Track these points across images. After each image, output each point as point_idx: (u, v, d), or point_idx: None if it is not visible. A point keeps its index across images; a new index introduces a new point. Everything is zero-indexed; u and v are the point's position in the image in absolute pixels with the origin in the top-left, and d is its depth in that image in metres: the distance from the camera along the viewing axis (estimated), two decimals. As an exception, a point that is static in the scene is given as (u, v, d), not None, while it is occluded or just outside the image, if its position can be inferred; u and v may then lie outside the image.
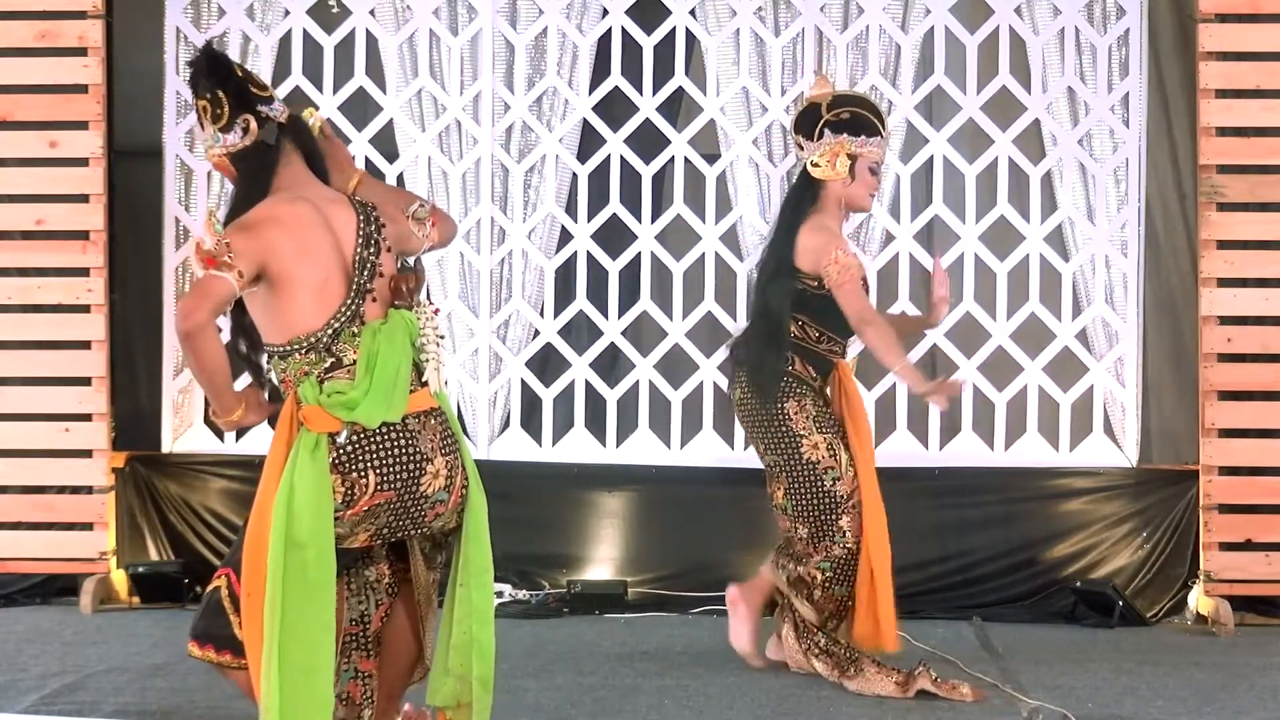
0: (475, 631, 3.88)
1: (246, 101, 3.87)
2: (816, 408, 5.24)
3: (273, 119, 3.88)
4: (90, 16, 6.58)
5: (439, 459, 3.81)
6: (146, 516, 6.78)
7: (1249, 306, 6.44)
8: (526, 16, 6.91)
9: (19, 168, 6.62)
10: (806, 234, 5.23)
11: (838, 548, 5.20)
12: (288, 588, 3.64)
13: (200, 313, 3.62)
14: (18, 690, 5.07)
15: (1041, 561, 6.67)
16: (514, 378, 6.87)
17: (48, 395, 6.62)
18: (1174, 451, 6.69)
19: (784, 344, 5.25)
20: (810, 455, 5.22)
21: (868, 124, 5.29)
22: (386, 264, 3.86)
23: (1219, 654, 5.87)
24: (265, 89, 3.94)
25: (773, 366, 5.24)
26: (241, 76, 3.92)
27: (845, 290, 5.14)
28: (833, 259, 5.14)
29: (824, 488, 5.21)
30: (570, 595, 6.58)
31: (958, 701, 4.96)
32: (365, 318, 3.79)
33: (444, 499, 3.83)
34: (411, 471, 3.76)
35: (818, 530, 5.22)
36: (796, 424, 5.22)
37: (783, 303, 5.25)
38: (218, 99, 3.86)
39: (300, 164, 3.92)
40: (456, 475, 3.86)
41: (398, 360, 3.76)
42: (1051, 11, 6.78)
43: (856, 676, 5.13)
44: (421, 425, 3.81)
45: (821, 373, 5.31)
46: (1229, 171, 6.45)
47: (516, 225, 6.85)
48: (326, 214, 3.82)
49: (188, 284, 6.88)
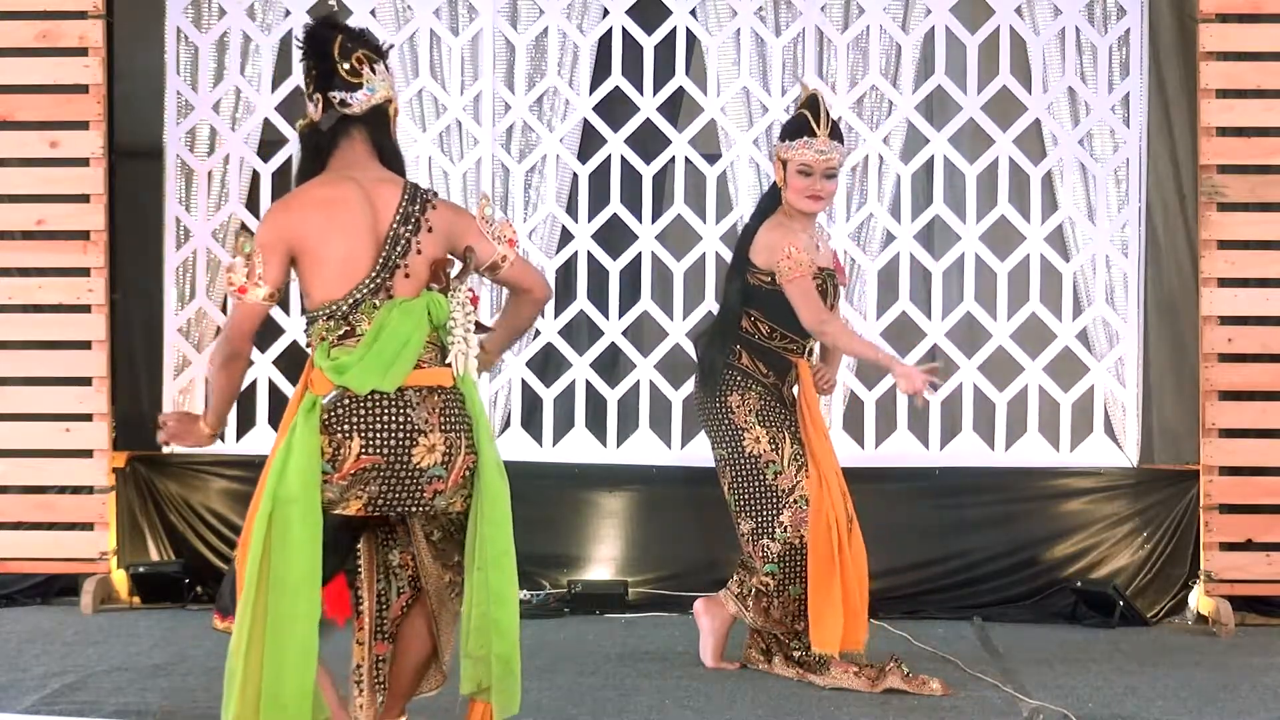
0: (494, 612, 3.89)
1: (326, 83, 3.98)
2: (762, 401, 5.26)
3: (342, 107, 3.97)
4: (91, 16, 6.58)
5: (435, 434, 3.85)
6: (147, 516, 6.78)
7: (1249, 306, 6.44)
8: (527, 16, 6.91)
9: (19, 168, 6.62)
10: (765, 230, 5.31)
11: (775, 544, 5.19)
12: (272, 541, 3.76)
13: (232, 342, 3.92)
14: (19, 690, 5.07)
15: (1042, 561, 6.67)
16: (514, 378, 6.87)
17: (48, 395, 6.62)
18: (1174, 451, 6.69)
19: (729, 338, 5.31)
20: (751, 449, 5.24)
21: (798, 125, 5.30)
22: (427, 245, 3.91)
23: (1220, 654, 5.87)
24: (357, 75, 3.98)
25: (714, 361, 5.31)
26: (337, 57, 3.98)
27: (794, 286, 5.19)
28: (785, 254, 5.20)
29: (764, 480, 5.22)
30: (571, 595, 6.58)
31: (926, 696, 5.00)
32: (394, 292, 3.88)
33: (441, 475, 3.86)
34: (401, 441, 3.81)
35: (758, 525, 5.23)
36: (738, 417, 5.25)
37: (734, 298, 5.32)
38: (308, 72, 4.02)
39: (364, 149, 3.99)
40: (458, 455, 3.88)
41: (408, 334, 3.84)
42: (1052, 11, 6.78)
43: (823, 674, 5.17)
44: (422, 399, 3.85)
45: (776, 370, 5.31)
46: (1229, 171, 6.45)
47: (517, 225, 6.85)
48: (370, 192, 3.91)
49: (188, 285, 6.90)
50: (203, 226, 6.86)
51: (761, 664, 5.37)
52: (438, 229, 3.93)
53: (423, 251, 3.91)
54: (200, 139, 6.93)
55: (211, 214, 6.88)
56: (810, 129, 5.28)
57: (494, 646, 3.89)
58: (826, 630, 5.09)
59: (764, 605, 5.25)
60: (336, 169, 3.97)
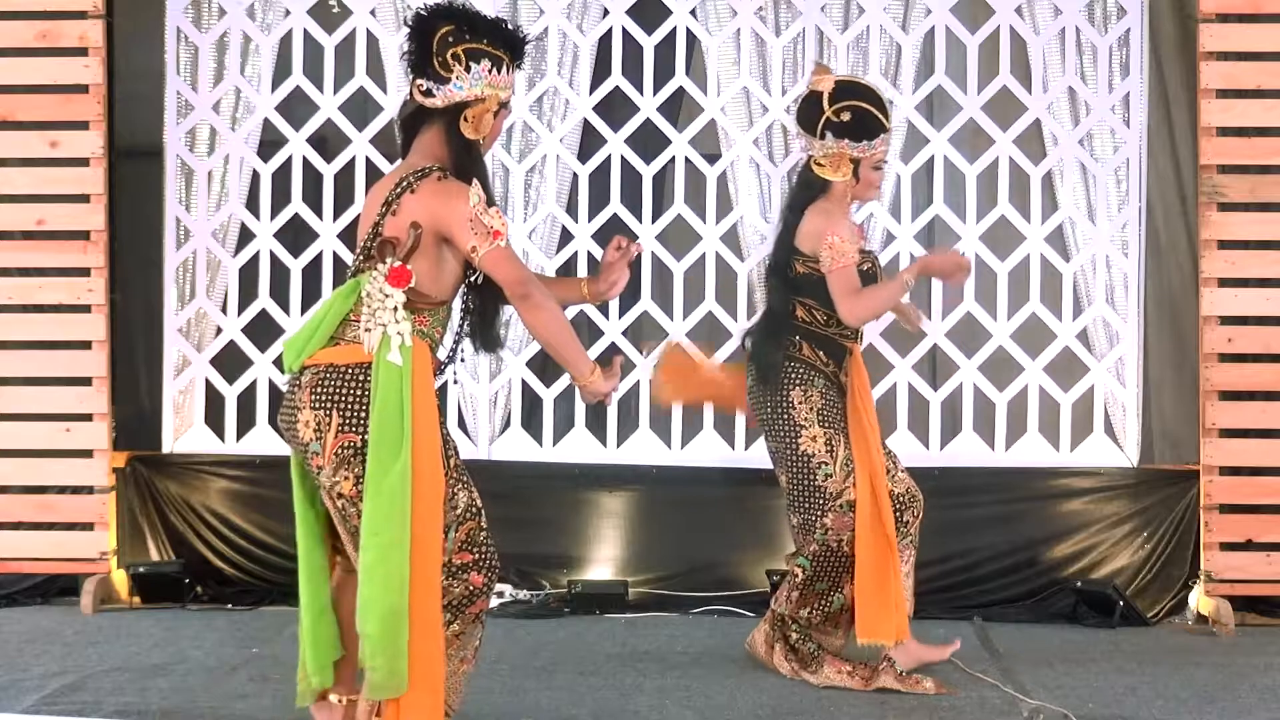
0: (363, 592, 3.91)
1: (419, 71, 4.06)
2: (824, 399, 5.25)
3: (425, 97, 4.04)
4: (91, 16, 6.58)
5: (307, 411, 3.97)
6: (147, 516, 6.78)
7: (1250, 306, 6.44)
8: (527, 16, 6.90)
9: (20, 168, 6.62)
10: (810, 217, 5.28)
11: (815, 544, 5.23)
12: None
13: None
14: (19, 690, 5.07)
15: (1042, 561, 6.67)
16: (514, 378, 6.87)
17: (48, 395, 6.62)
18: (1175, 451, 6.69)
19: (783, 331, 5.29)
20: (806, 447, 5.24)
21: (870, 125, 5.28)
22: (389, 226, 3.99)
23: (1220, 654, 5.86)
24: (449, 70, 4.01)
25: (772, 354, 5.29)
26: (435, 48, 4.02)
27: (835, 276, 5.19)
28: (828, 243, 5.19)
29: (815, 481, 5.23)
30: (571, 595, 6.58)
31: (921, 695, 5.04)
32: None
33: (318, 451, 3.95)
34: (288, 417, 4.03)
35: (805, 521, 5.28)
36: (799, 414, 5.25)
37: (782, 290, 5.30)
38: (407, 54, 4.09)
39: (436, 141, 4.07)
40: (328, 434, 3.94)
41: (322, 314, 4.01)
42: (1052, 11, 6.78)
43: (817, 672, 5.20)
44: (312, 376, 3.98)
45: (834, 357, 5.31)
46: (1230, 171, 6.45)
47: (517, 225, 6.85)
48: (396, 176, 4.04)
49: (188, 285, 6.90)
50: (203, 226, 6.86)
51: (762, 650, 5.37)
52: (408, 212, 3.97)
53: (382, 233, 3.99)
54: (200, 139, 6.93)
55: (211, 214, 6.88)
56: (881, 125, 5.28)
57: (363, 625, 3.91)
58: (878, 622, 5.16)
59: (790, 583, 5.30)
60: (408, 154, 4.11)
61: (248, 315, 6.86)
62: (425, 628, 3.91)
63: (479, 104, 4.04)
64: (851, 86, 5.37)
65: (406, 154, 4.13)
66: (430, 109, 4.06)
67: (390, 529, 3.87)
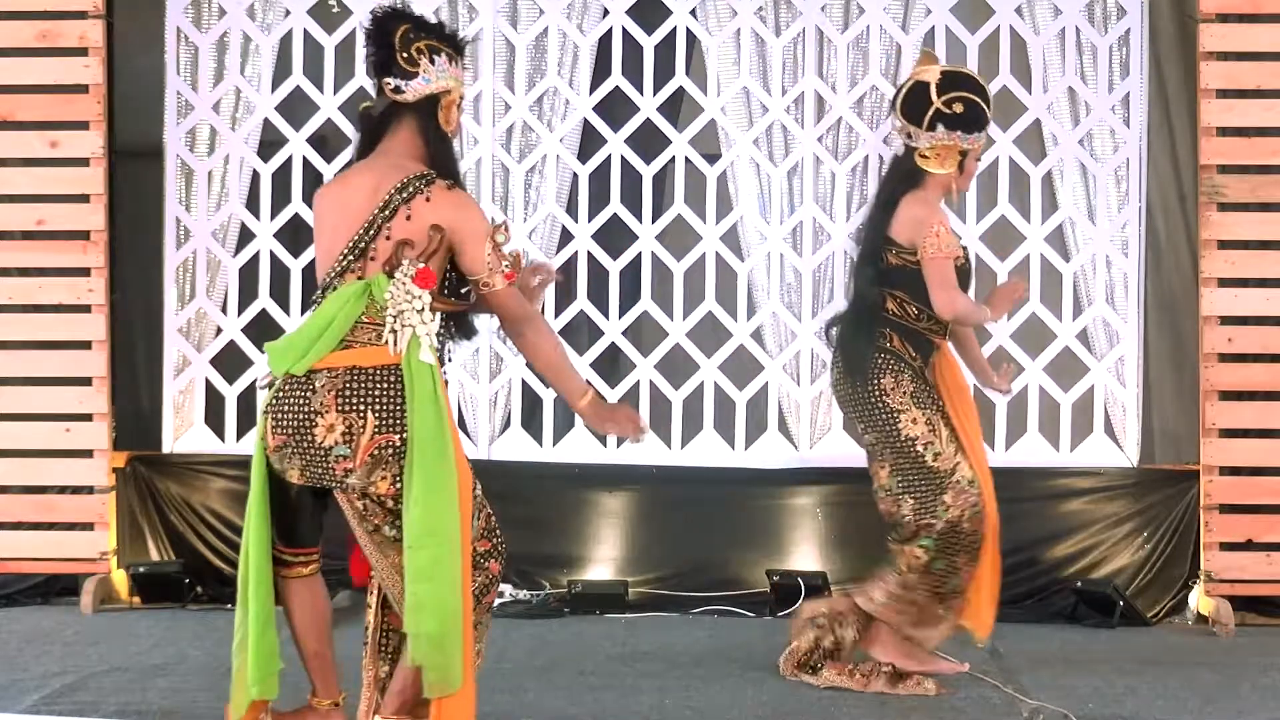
0: (419, 591, 3.89)
1: (384, 70, 4.11)
2: (915, 384, 5.17)
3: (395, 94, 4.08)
4: (91, 16, 6.58)
5: (333, 414, 3.91)
6: (147, 516, 6.78)
7: (1250, 306, 6.44)
8: (527, 16, 6.91)
9: (20, 168, 6.62)
10: (908, 205, 5.19)
11: (940, 522, 5.13)
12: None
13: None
14: (19, 690, 5.07)
15: (1042, 561, 6.67)
16: (514, 378, 6.87)
17: (48, 395, 6.61)
18: (1175, 451, 6.69)
19: (874, 323, 5.20)
20: (908, 430, 5.14)
21: (979, 117, 5.20)
22: (397, 229, 3.96)
23: (1220, 654, 5.87)
24: (415, 64, 4.08)
25: (863, 347, 5.20)
26: (398, 45, 4.08)
27: (934, 265, 5.11)
28: (934, 231, 5.12)
29: (925, 463, 5.14)
30: (571, 595, 6.58)
31: (921, 696, 5.04)
32: (364, 275, 3.98)
33: (346, 454, 3.91)
34: (301, 421, 3.93)
35: (921, 505, 5.16)
36: (893, 399, 5.16)
37: (872, 281, 5.22)
38: (368, 58, 4.15)
39: (408, 136, 4.11)
40: (362, 435, 3.91)
41: (331, 316, 3.95)
42: (1052, 12, 6.78)
43: (816, 675, 5.19)
44: (330, 380, 3.92)
45: (921, 352, 5.22)
46: (1230, 172, 6.45)
47: (517, 225, 6.85)
48: (378, 180, 4.00)
49: (188, 285, 6.90)
50: (203, 226, 6.86)
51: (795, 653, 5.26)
52: (424, 217, 3.96)
53: (390, 236, 3.96)
54: (200, 139, 6.93)
55: (211, 214, 6.88)
56: (988, 117, 5.23)
57: (420, 625, 3.90)
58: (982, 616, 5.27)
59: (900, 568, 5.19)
60: (379, 153, 4.09)
61: (248, 315, 6.86)
62: (469, 623, 3.95)
63: (446, 96, 4.11)
64: (958, 76, 5.27)
65: (366, 154, 4.13)
66: (402, 106, 4.10)
67: (445, 528, 3.89)
